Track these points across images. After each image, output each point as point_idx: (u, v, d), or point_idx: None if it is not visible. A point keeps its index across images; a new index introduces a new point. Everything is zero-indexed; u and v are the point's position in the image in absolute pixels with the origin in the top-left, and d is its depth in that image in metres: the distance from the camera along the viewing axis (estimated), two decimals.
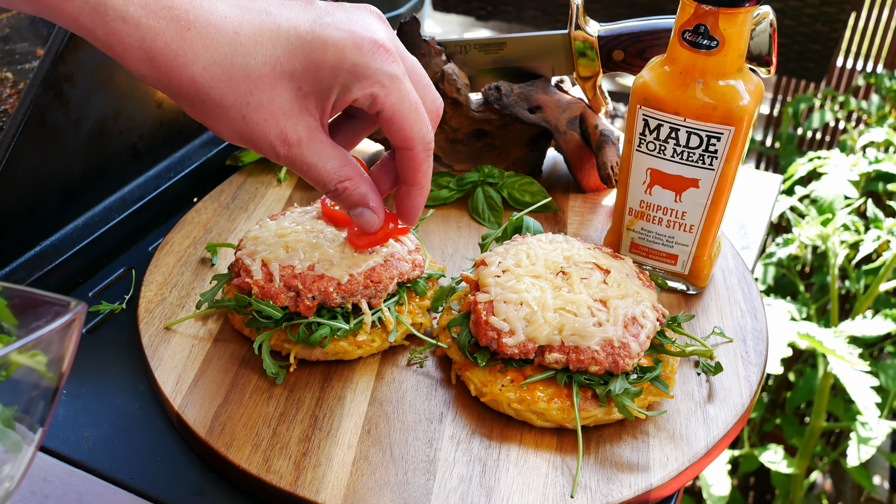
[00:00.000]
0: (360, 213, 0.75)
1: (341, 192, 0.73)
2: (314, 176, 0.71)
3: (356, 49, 0.67)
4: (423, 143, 0.73)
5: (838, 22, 1.93)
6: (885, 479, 2.19)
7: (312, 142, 0.70)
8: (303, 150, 0.70)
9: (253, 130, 0.67)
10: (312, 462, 0.70)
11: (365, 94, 0.69)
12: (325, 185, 0.72)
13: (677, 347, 0.79)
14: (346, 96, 0.69)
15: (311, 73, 0.67)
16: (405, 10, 1.62)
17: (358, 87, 0.69)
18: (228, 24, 0.64)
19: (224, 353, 0.81)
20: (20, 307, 0.54)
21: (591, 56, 1.04)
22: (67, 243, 0.96)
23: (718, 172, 0.83)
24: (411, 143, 0.73)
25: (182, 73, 0.63)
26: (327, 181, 0.72)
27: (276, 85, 0.66)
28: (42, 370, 0.51)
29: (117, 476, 0.71)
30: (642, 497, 0.69)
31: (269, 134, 0.68)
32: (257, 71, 0.65)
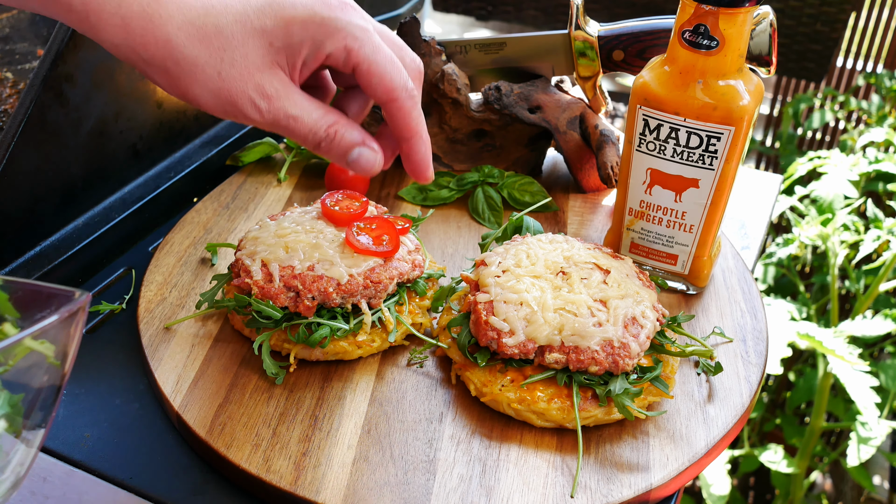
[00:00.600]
0: (357, 154, 0.73)
1: (332, 136, 0.71)
2: (301, 127, 0.70)
3: (325, 5, 0.69)
4: (405, 90, 0.73)
5: (838, 22, 1.93)
6: (885, 479, 2.19)
7: (290, 94, 0.70)
8: (283, 102, 0.69)
9: (230, 87, 0.67)
10: (312, 462, 0.70)
11: (338, 47, 0.69)
12: (315, 133, 0.71)
13: (677, 347, 0.79)
14: (319, 52, 0.69)
15: (282, 29, 0.68)
16: (405, 10, 1.62)
17: (330, 42, 0.69)
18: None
19: (224, 353, 0.81)
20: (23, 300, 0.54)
21: (591, 56, 1.04)
22: (67, 243, 0.96)
23: (718, 172, 0.83)
24: (394, 92, 0.72)
25: (157, 35, 0.64)
26: (316, 128, 0.71)
27: (247, 41, 0.67)
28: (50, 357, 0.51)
29: (117, 476, 0.71)
30: (642, 497, 0.69)
31: (247, 88, 0.68)
32: (229, 28, 0.67)
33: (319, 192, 1.09)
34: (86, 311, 0.53)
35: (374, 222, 0.84)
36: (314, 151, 0.73)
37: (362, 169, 0.73)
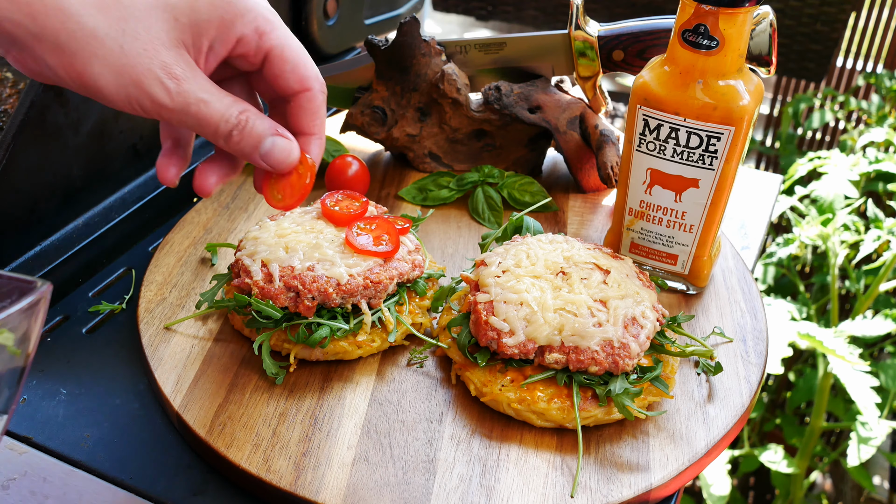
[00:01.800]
0: (271, 144, 0.67)
1: (243, 124, 0.65)
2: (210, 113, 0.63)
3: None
4: (319, 81, 0.69)
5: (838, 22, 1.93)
6: (885, 479, 2.19)
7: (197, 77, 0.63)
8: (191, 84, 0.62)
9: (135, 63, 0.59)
10: (312, 462, 0.70)
11: (249, 30, 0.64)
12: (227, 121, 0.64)
13: (677, 347, 0.79)
14: (228, 35, 0.64)
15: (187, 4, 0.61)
16: (405, 10, 1.62)
17: (241, 23, 0.64)
18: None
19: (224, 353, 0.81)
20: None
21: (591, 56, 1.04)
22: (67, 243, 0.96)
23: (718, 172, 0.83)
24: (309, 81, 0.68)
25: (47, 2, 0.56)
26: (227, 115, 0.64)
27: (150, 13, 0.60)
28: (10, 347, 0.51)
29: (117, 476, 0.71)
30: (642, 497, 0.69)
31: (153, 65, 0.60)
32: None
33: (319, 192, 1.09)
34: (47, 301, 0.52)
35: (373, 222, 0.84)
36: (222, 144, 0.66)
37: (276, 160, 0.68)
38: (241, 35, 0.64)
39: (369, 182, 1.09)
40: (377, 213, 0.88)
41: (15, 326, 0.50)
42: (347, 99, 1.14)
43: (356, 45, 1.50)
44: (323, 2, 1.36)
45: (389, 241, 0.82)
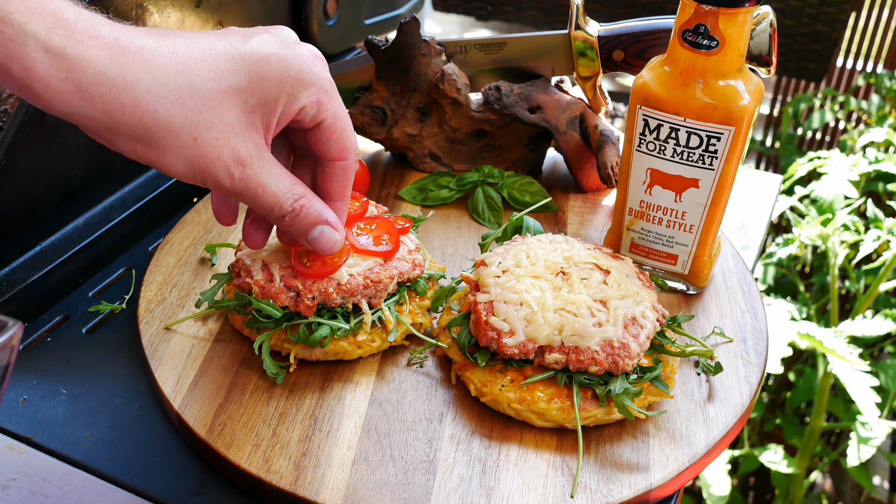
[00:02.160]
0: (319, 232, 0.71)
1: (298, 211, 0.69)
2: (268, 198, 0.67)
3: (299, 58, 0.65)
4: (356, 154, 0.73)
5: (838, 22, 1.93)
6: (885, 479, 2.19)
7: (262, 160, 0.66)
8: (255, 169, 0.65)
9: (206, 153, 0.62)
10: (312, 462, 0.70)
11: (312, 100, 0.67)
12: (282, 206, 0.68)
13: (677, 347, 0.79)
14: (292, 106, 0.66)
15: (257, 86, 0.63)
16: (405, 10, 1.62)
17: (305, 95, 0.66)
18: (163, 47, 0.60)
19: (224, 353, 0.81)
20: None
21: (591, 56, 1.04)
22: (67, 243, 0.96)
23: (718, 172, 0.83)
24: (348, 152, 0.72)
25: (123, 100, 0.58)
26: (283, 201, 0.68)
27: (223, 101, 0.62)
28: None
29: (117, 476, 0.71)
30: (642, 497, 0.69)
31: (223, 154, 0.63)
32: (203, 87, 0.61)
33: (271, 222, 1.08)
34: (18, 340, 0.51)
35: (374, 222, 0.84)
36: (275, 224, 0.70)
37: (321, 247, 0.72)
38: (303, 106, 0.67)
39: (369, 182, 1.09)
40: (377, 213, 0.88)
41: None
42: (347, 99, 1.14)
43: (356, 45, 1.50)
44: (323, 2, 1.36)
45: (390, 240, 0.82)
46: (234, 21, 1.19)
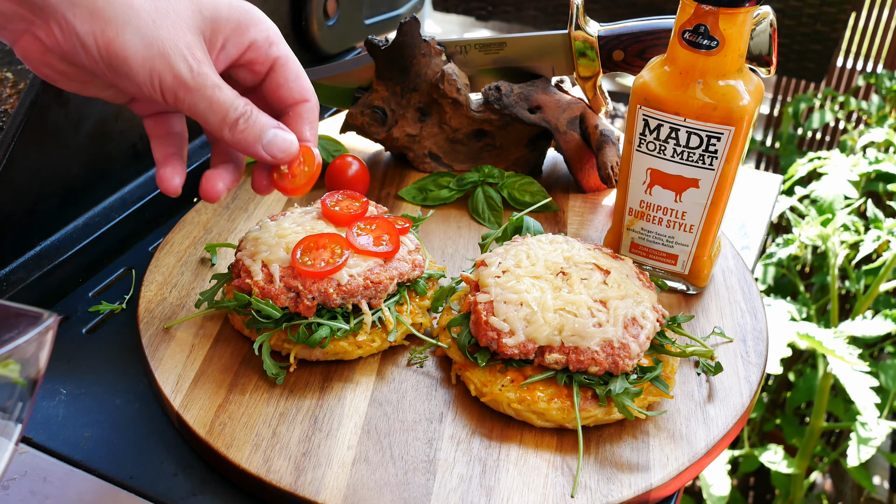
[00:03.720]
0: (273, 136, 0.70)
1: (248, 114, 0.68)
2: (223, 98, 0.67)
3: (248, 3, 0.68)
4: (315, 95, 0.74)
5: (838, 22, 1.93)
6: (884, 479, 2.19)
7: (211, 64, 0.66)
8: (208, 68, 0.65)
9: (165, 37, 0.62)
10: (312, 462, 0.70)
11: (262, 37, 0.69)
12: (235, 108, 0.67)
13: (677, 348, 0.79)
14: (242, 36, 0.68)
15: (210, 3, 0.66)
16: (405, 10, 1.62)
17: (255, 30, 0.69)
18: None
19: (224, 353, 0.81)
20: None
21: (591, 56, 1.04)
22: (67, 243, 0.96)
23: (718, 172, 0.83)
24: (308, 93, 0.73)
25: None
26: (236, 104, 0.67)
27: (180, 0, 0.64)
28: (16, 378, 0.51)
29: (117, 476, 0.71)
30: (642, 497, 0.69)
31: (180, 43, 0.63)
32: None
33: (319, 192, 1.09)
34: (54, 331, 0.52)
35: (374, 222, 0.84)
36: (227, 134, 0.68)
37: (277, 150, 0.71)
38: (254, 40, 0.69)
39: (369, 182, 1.09)
40: (377, 213, 0.88)
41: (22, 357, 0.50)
42: (347, 99, 1.14)
43: (356, 45, 1.50)
44: (323, 2, 1.36)
45: (390, 241, 0.82)
46: None
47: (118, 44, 0.61)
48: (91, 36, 0.61)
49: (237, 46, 0.69)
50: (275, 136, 0.70)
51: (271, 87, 0.72)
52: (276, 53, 0.70)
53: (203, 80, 0.65)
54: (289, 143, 0.71)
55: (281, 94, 0.72)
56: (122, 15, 0.61)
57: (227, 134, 0.69)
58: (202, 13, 0.65)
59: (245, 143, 0.69)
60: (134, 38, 0.62)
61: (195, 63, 0.64)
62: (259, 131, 0.69)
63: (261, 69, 0.71)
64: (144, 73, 0.63)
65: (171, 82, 0.64)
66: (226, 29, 0.67)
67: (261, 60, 0.70)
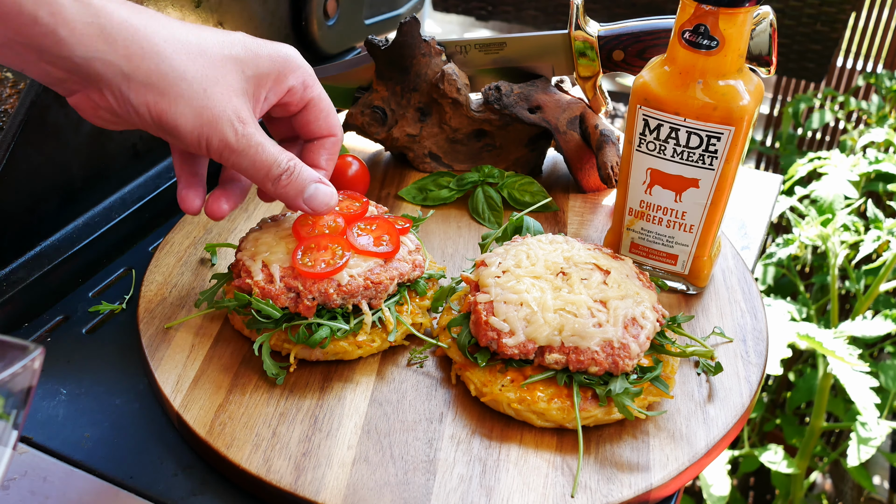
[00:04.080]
0: (315, 189, 0.75)
1: (293, 170, 0.74)
2: (267, 156, 0.72)
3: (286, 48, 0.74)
4: (341, 130, 0.80)
5: (838, 22, 1.93)
6: (884, 479, 2.19)
7: (256, 124, 0.71)
8: (254, 129, 0.70)
9: (214, 105, 0.67)
10: (312, 462, 0.70)
11: (299, 82, 0.74)
12: (279, 164, 0.72)
13: (677, 348, 0.79)
14: (281, 85, 0.73)
15: (252, 60, 0.70)
16: (405, 10, 1.62)
17: (293, 77, 0.74)
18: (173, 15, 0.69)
19: (224, 353, 0.81)
20: None
21: (591, 56, 1.04)
22: (67, 243, 0.96)
23: (718, 172, 0.83)
24: (336, 128, 0.79)
25: (144, 46, 0.63)
26: (278, 160, 0.72)
27: (227, 64, 0.69)
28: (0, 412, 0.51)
29: (117, 476, 0.71)
30: (642, 497, 0.69)
31: (227, 109, 0.68)
32: (210, 49, 0.68)
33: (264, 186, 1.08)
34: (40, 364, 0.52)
35: (374, 223, 0.84)
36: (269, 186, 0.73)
37: (319, 204, 0.76)
38: (292, 87, 0.74)
39: (369, 182, 1.09)
40: (377, 214, 0.88)
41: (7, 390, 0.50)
42: (347, 99, 1.14)
43: (356, 45, 1.50)
44: (323, 2, 1.36)
45: (390, 241, 0.82)
46: (234, 21, 1.19)
47: (170, 115, 0.66)
48: (144, 107, 0.65)
49: (277, 94, 0.74)
50: (316, 191, 0.76)
51: (302, 121, 0.78)
52: (310, 95, 0.76)
53: (248, 142, 0.70)
54: (329, 197, 0.77)
55: (311, 129, 0.79)
56: (175, 87, 0.65)
57: (271, 188, 0.74)
58: (245, 73, 0.70)
59: (287, 196, 0.75)
60: (186, 109, 0.66)
61: (240, 126, 0.69)
62: (302, 186, 0.75)
63: (295, 109, 0.77)
64: (193, 138, 0.68)
65: (218, 145, 0.69)
66: (268, 82, 0.72)
67: (296, 102, 0.76)
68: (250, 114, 0.71)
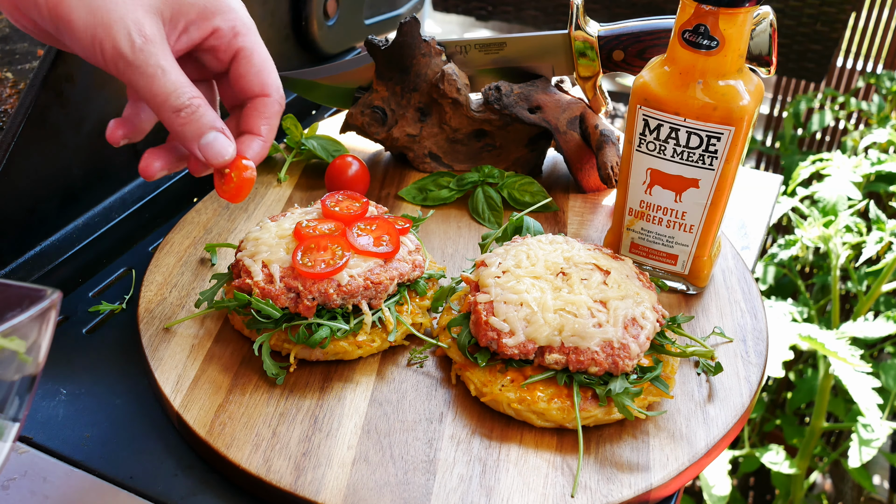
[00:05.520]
0: (213, 137, 0.69)
1: (193, 110, 0.67)
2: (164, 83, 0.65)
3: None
4: (279, 94, 0.73)
5: (838, 22, 1.93)
6: (884, 479, 2.19)
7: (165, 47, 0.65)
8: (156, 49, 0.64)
9: (112, 8, 0.62)
10: (312, 462, 0.70)
11: (227, 25, 0.68)
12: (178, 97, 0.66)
13: (677, 348, 0.79)
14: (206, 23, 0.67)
15: None
16: (405, 10, 1.62)
17: (220, 18, 0.68)
18: None
19: (224, 353, 0.81)
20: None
21: (591, 56, 1.04)
22: (67, 243, 0.96)
23: (718, 172, 0.83)
24: (269, 88, 0.72)
25: None
26: (179, 91, 0.66)
27: None
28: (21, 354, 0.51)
29: (117, 476, 0.71)
30: (642, 497, 0.69)
31: (127, 17, 0.63)
32: None
33: (319, 192, 1.09)
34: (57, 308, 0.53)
35: (374, 223, 0.84)
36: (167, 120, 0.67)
37: (214, 153, 0.70)
38: (218, 27, 0.68)
39: (369, 182, 1.09)
40: (377, 214, 0.88)
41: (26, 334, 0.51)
42: (347, 99, 1.14)
43: (356, 45, 1.50)
44: (323, 2, 1.36)
45: (390, 241, 0.82)
46: None
47: (63, 6, 0.62)
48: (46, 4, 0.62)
49: (200, 31, 0.68)
50: (215, 139, 0.69)
51: (234, 76, 0.72)
52: (239, 44, 0.70)
53: (146, 59, 0.64)
54: (226, 150, 0.70)
55: (242, 85, 0.72)
56: None
57: (167, 120, 0.68)
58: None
59: (184, 136, 0.69)
60: (79, 3, 0.62)
61: (139, 39, 0.63)
62: (200, 129, 0.68)
63: (224, 57, 0.71)
64: (86, 38, 0.63)
65: (112, 53, 0.63)
66: (189, 13, 0.66)
67: (223, 48, 0.70)
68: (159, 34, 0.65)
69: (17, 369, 0.53)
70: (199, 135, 0.69)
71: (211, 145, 0.69)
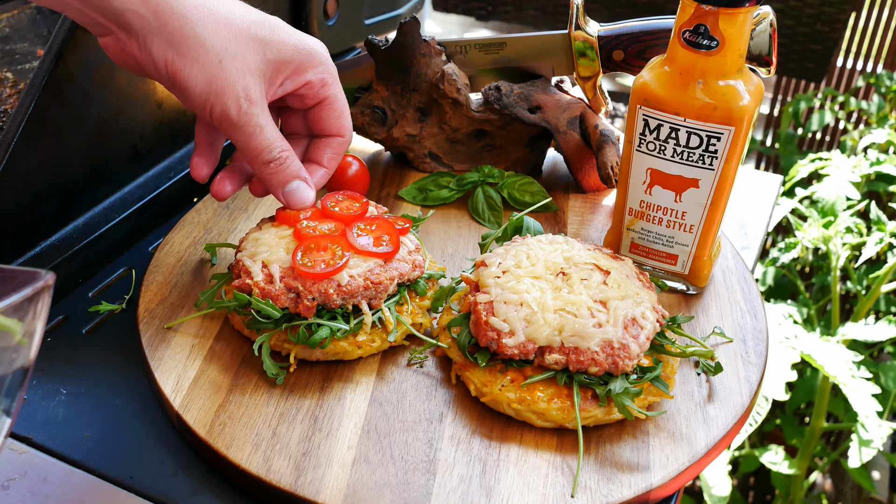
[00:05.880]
0: (296, 186, 0.79)
1: (282, 161, 0.77)
2: (262, 140, 0.75)
3: (314, 41, 0.77)
4: (350, 132, 0.84)
5: (838, 22, 1.93)
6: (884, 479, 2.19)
7: (265, 106, 0.74)
8: (259, 109, 0.73)
9: (225, 77, 0.71)
10: (312, 462, 0.70)
11: (318, 78, 0.78)
12: (271, 151, 0.76)
13: (677, 348, 0.79)
14: (301, 77, 0.76)
15: (277, 46, 0.74)
16: (405, 10, 1.62)
17: (313, 72, 0.77)
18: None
19: (224, 353, 0.81)
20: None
21: (591, 56, 1.04)
22: (67, 243, 0.96)
23: (718, 172, 0.83)
24: (346, 130, 0.83)
25: (174, 6, 0.68)
26: (273, 147, 0.76)
27: (249, 42, 0.72)
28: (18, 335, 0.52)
29: (117, 476, 0.71)
30: (642, 497, 0.69)
31: (237, 84, 0.71)
32: (237, 24, 0.71)
33: (320, 192, 1.08)
34: (51, 290, 0.54)
35: (374, 223, 0.84)
36: (257, 169, 0.77)
37: (295, 201, 0.80)
38: (310, 80, 0.78)
39: (369, 182, 1.09)
40: (377, 214, 0.88)
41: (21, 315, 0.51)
42: (347, 99, 1.14)
43: (356, 45, 1.50)
44: (323, 2, 1.36)
45: (390, 241, 0.82)
46: None
47: (182, 75, 0.70)
48: (162, 62, 0.70)
49: (294, 84, 0.77)
50: (297, 188, 0.80)
51: (314, 117, 0.82)
52: (325, 94, 0.80)
53: (248, 120, 0.73)
54: (306, 197, 0.81)
55: (321, 125, 0.82)
56: (193, 51, 0.70)
57: (257, 169, 0.78)
58: (267, 56, 0.73)
59: (270, 183, 0.79)
60: (198, 74, 0.70)
61: (245, 103, 0.73)
62: (286, 178, 0.79)
63: (310, 102, 0.80)
64: (200, 102, 0.72)
65: (220, 115, 0.73)
66: (286, 70, 0.75)
67: (311, 96, 0.79)
68: (261, 94, 0.74)
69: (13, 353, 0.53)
70: (284, 183, 0.79)
71: (294, 192, 0.80)
